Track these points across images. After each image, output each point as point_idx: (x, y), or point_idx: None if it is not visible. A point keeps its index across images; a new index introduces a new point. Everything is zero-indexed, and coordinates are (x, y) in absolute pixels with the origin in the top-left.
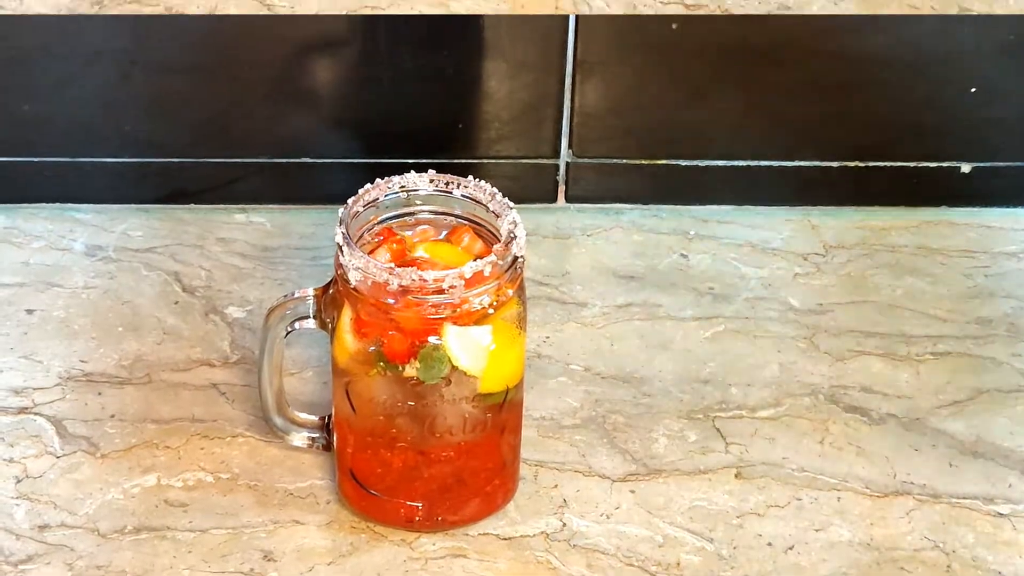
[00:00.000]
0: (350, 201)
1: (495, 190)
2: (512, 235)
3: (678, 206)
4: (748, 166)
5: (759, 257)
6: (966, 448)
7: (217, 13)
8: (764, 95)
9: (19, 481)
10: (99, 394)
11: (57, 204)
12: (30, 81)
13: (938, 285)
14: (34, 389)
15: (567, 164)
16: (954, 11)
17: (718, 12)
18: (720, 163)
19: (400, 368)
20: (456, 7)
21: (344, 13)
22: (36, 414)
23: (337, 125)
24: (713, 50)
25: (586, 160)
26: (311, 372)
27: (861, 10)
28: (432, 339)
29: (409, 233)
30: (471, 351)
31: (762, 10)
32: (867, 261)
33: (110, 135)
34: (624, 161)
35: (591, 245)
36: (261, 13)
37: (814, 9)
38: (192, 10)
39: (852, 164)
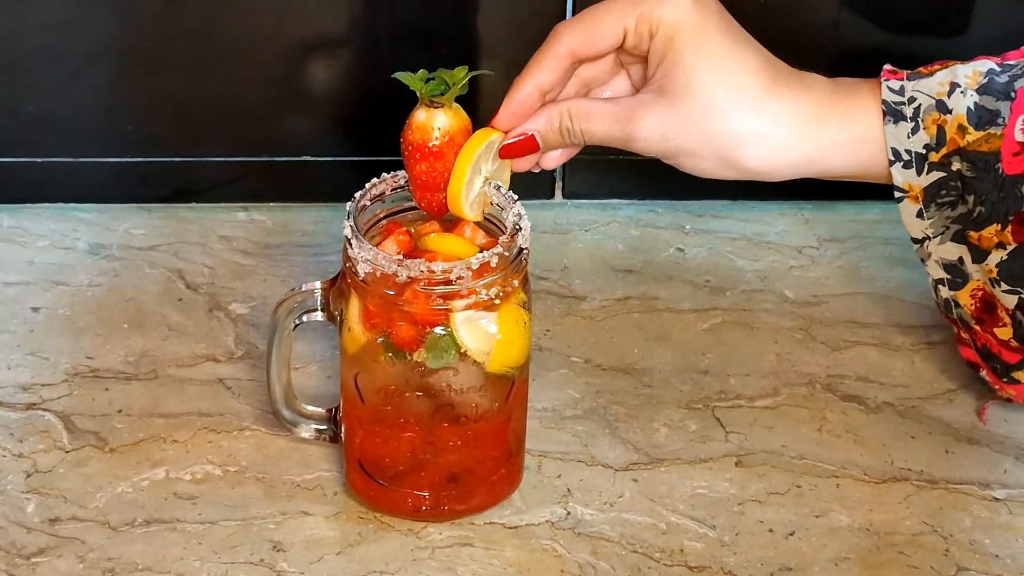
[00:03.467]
0: (357, 195)
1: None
2: (517, 227)
3: (674, 201)
4: None
5: (754, 250)
6: (961, 435)
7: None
8: None
9: (29, 475)
10: (106, 389)
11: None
12: (32, 82)
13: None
14: (41, 385)
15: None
16: None
17: None
18: None
19: (408, 356)
20: None
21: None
22: (44, 410)
23: (336, 124)
24: None
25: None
26: (315, 366)
27: None
28: (439, 329)
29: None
30: (478, 336)
31: None
32: (860, 253)
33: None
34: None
35: (589, 240)
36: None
37: None
38: None
39: None
